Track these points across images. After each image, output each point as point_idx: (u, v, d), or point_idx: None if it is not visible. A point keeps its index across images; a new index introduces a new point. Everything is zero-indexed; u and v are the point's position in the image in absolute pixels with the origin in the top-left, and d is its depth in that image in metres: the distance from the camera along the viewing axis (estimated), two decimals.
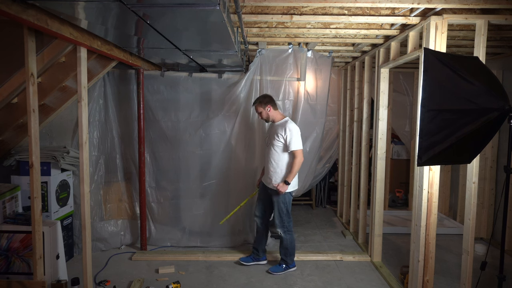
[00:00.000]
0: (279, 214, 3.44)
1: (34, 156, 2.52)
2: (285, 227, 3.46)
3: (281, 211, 3.43)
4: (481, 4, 2.49)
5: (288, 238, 3.49)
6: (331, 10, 2.84)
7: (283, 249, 3.53)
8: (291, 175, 3.29)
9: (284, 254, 3.54)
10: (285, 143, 3.31)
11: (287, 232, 3.48)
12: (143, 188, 4.04)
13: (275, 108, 3.47)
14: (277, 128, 3.37)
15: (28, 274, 3.02)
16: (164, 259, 3.79)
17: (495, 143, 4.37)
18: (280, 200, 3.41)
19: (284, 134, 3.29)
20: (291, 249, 3.53)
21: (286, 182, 3.30)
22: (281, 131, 3.32)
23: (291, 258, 3.56)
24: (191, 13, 2.00)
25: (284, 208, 3.43)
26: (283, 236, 3.49)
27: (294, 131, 3.30)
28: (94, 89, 3.91)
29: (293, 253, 3.56)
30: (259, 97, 3.50)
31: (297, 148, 3.29)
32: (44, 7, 2.02)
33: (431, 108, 2.04)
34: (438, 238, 2.96)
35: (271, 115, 3.44)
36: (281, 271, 3.51)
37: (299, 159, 3.29)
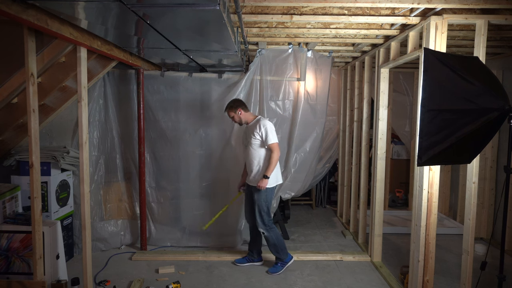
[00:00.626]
0: (260, 212, 3.45)
1: (34, 156, 2.52)
2: (266, 225, 3.48)
3: (261, 209, 3.44)
4: (481, 4, 2.49)
5: (272, 235, 3.50)
6: (331, 10, 2.84)
7: (273, 247, 3.54)
8: (269, 169, 3.34)
9: (276, 251, 3.54)
10: (261, 139, 3.38)
11: (269, 230, 3.49)
12: (143, 188, 4.04)
13: (246, 110, 3.52)
14: (252, 128, 3.44)
15: (28, 274, 3.02)
16: (164, 259, 3.79)
17: (495, 143, 4.37)
18: (261, 198, 3.42)
19: (259, 131, 3.36)
20: (280, 244, 3.53)
21: (265, 176, 3.34)
22: (256, 129, 3.38)
23: (285, 252, 3.56)
24: (191, 13, 2.00)
25: (264, 206, 3.44)
26: (267, 235, 3.50)
27: (268, 126, 3.38)
28: (94, 89, 3.91)
29: (283, 247, 3.56)
30: (229, 103, 3.53)
31: (273, 142, 3.36)
32: (44, 7, 2.02)
33: (431, 108, 2.04)
34: (438, 238, 2.96)
35: (243, 118, 3.50)
36: (280, 270, 3.51)
37: (276, 152, 3.36)
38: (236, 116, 3.49)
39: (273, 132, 3.40)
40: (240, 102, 3.53)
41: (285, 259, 3.55)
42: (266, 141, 3.36)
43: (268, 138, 3.35)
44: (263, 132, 3.36)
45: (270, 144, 3.35)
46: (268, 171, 3.35)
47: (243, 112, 3.48)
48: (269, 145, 3.36)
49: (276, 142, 3.38)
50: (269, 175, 3.35)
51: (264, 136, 3.36)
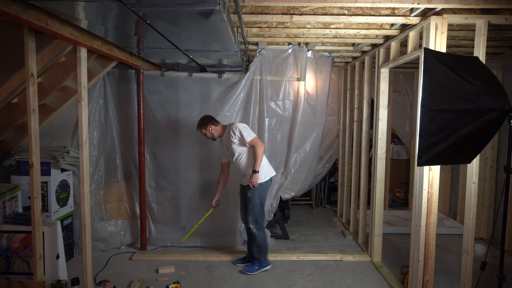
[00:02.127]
0: (252, 209, 3.46)
1: (34, 156, 2.52)
2: (258, 223, 3.47)
3: (254, 205, 3.44)
4: (481, 4, 2.49)
5: (261, 235, 3.50)
6: (331, 10, 2.84)
7: (256, 247, 3.53)
8: (256, 164, 3.35)
9: (258, 252, 3.53)
10: (240, 142, 3.40)
11: (259, 229, 3.49)
12: (143, 188, 4.04)
13: (216, 124, 3.53)
14: (228, 136, 3.45)
15: (28, 274, 3.02)
16: (164, 259, 3.79)
17: (495, 143, 4.37)
18: (255, 195, 3.43)
19: (235, 135, 3.39)
20: (264, 247, 3.53)
21: (254, 171, 3.35)
22: (231, 136, 3.41)
23: (264, 256, 3.56)
24: (191, 13, 2.00)
25: (258, 203, 3.45)
26: (255, 233, 3.49)
27: (241, 127, 3.40)
28: (94, 89, 3.91)
29: (266, 251, 3.56)
30: (199, 121, 3.53)
31: (251, 138, 3.37)
32: (44, 7, 2.02)
33: (431, 108, 2.04)
34: (438, 238, 2.96)
35: (215, 133, 3.52)
36: (256, 271, 3.50)
37: (259, 146, 3.36)
38: (208, 132, 3.50)
39: (246, 129, 3.42)
40: (209, 118, 3.53)
41: (263, 263, 3.55)
42: (244, 140, 3.36)
43: (245, 136, 3.35)
44: (238, 134, 3.37)
45: (249, 141, 3.36)
46: (256, 166, 3.35)
47: (213, 127, 3.49)
48: (249, 142, 3.36)
49: (254, 137, 3.39)
50: (258, 169, 3.36)
51: (240, 137, 3.37)
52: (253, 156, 3.41)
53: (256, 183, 3.37)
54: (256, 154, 3.35)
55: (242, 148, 3.44)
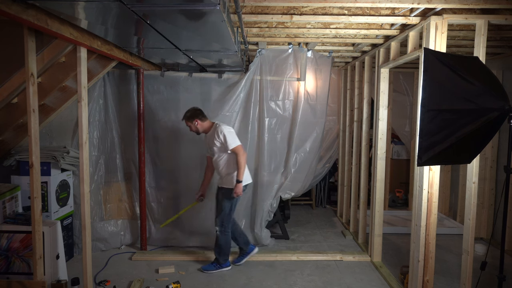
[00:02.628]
0: (221, 213, 3.46)
1: (34, 156, 2.52)
2: (224, 226, 3.49)
3: (224, 209, 3.45)
4: (481, 4, 2.49)
5: (224, 238, 3.51)
6: (331, 10, 2.84)
7: (217, 248, 3.55)
8: (240, 173, 3.35)
9: (218, 252, 3.55)
10: (222, 145, 3.38)
11: (223, 232, 3.50)
12: (143, 188, 4.04)
13: (204, 120, 3.48)
14: (212, 136, 3.44)
15: (28, 274, 3.02)
16: (164, 259, 3.79)
17: (495, 143, 4.37)
18: (228, 200, 3.44)
19: (219, 138, 3.37)
20: (225, 249, 3.55)
21: (238, 181, 3.35)
22: (215, 137, 3.39)
23: (224, 258, 3.57)
24: (191, 13, 2.00)
25: (228, 208, 3.46)
26: (219, 235, 3.51)
27: (226, 131, 3.37)
28: (94, 89, 3.91)
29: (226, 253, 3.57)
30: (186, 112, 3.49)
31: (235, 145, 3.35)
32: (44, 7, 2.02)
33: (431, 108, 2.04)
34: (438, 238, 2.96)
35: (200, 128, 3.48)
36: (213, 270, 3.53)
37: (241, 154, 3.35)
38: (193, 126, 3.47)
39: (232, 135, 3.39)
40: (196, 112, 3.47)
41: (222, 264, 3.56)
42: (227, 146, 3.34)
43: (228, 143, 3.34)
44: (222, 138, 3.35)
45: (232, 148, 3.34)
46: (239, 175, 3.35)
47: (200, 122, 3.45)
48: (232, 149, 3.35)
49: (238, 145, 3.38)
50: (241, 179, 3.36)
51: (224, 142, 3.35)
52: (234, 161, 3.40)
53: (240, 193, 3.37)
54: (239, 162, 3.34)
55: (222, 151, 3.42)
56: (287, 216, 4.84)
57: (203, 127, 3.49)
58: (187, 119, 3.47)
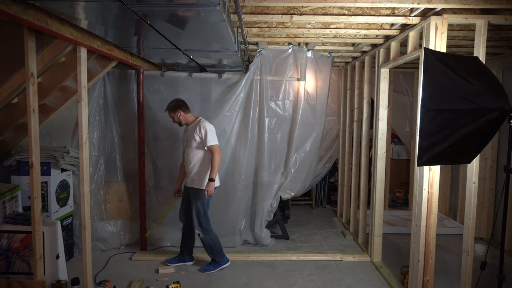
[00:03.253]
0: (197, 215, 3.42)
1: (34, 156, 2.52)
2: (203, 227, 3.44)
3: (198, 211, 3.41)
4: (481, 4, 2.49)
5: (209, 237, 3.47)
6: (331, 10, 2.84)
7: (209, 249, 3.51)
8: (213, 172, 3.31)
9: (211, 252, 3.52)
10: (201, 140, 3.35)
11: (205, 232, 3.46)
12: (143, 188, 4.04)
13: (187, 112, 3.48)
14: (192, 129, 3.42)
15: (28, 274, 3.02)
16: (164, 259, 3.78)
17: (495, 143, 4.37)
18: (200, 201, 3.39)
19: (199, 132, 3.35)
20: (216, 246, 3.51)
21: (211, 179, 3.31)
22: (196, 131, 3.36)
23: (220, 255, 3.53)
24: (191, 13, 2.00)
25: (201, 209, 3.41)
26: (203, 237, 3.46)
27: (208, 128, 3.35)
28: (94, 89, 3.91)
29: (219, 249, 3.53)
30: (169, 103, 3.48)
31: (213, 144, 3.34)
32: (44, 7, 2.02)
33: (431, 108, 2.04)
34: (438, 238, 2.96)
35: (183, 120, 3.47)
36: (213, 270, 3.51)
37: (217, 154, 3.34)
38: (176, 117, 3.45)
39: (213, 133, 3.37)
40: (180, 103, 3.46)
41: (220, 262, 3.53)
42: (205, 142, 3.32)
43: (208, 139, 3.32)
44: (202, 133, 3.33)
45: (210, 145, 3.32)
46: (212, 174, 3.31)
47: (182, 114, 3.44)
48: (209, 147, 3.33)
49: (216, 144, 3.36)
50: (214, 177, 3.32)
51: (204, 137, 3.33)
52: (207, 160, 3.38)
53: (212, 192, 3.31)
54: (214, 161, 3.31)
55: (197, 147, 3.39)
56: (287, 216, 4.84)
57: (186, 119, 3.47)
58: (170, 109, 3.47)
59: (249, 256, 3.86)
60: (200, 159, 3.41)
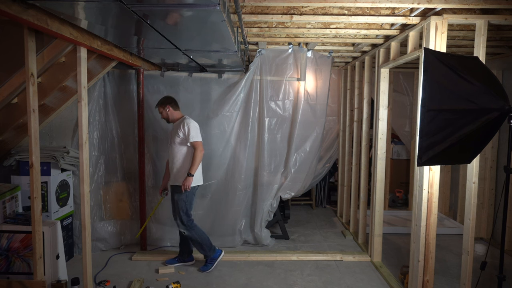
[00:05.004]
0: (178, 213, 3.42)
1: (34, 156, 2.52)
2: (186, 224, 3.44)
3: (181, 209, 3.41)
4: (481, 4, 2.49)
5: (194, 233, 3.47)
6: (331, 10, 2.84)
7: (197, 245, 3.51)
8: (193, 167, 3.33)
9: (201, 248, 3.51)
10: (184, 137, 3.38)
11: (190, 229, 3.46)
12: (143, 188, 4.04)
13: (175, 109, 3.53)
14: (177, 126, 3.46)
15: (28, 274, 3.02)
16: (164, 259, 3.78)
17: (495, 143, 4.37)
18: (181, 198, 3.39)
19: (183, 128, 3.38)
20: (204, 240, 3.51)
21: (189, 174, 3.31)
22: (180, 127, 3.40)
23: (211, 249, 3.54)
24: (191, 13, 2.00)
25: (184, 207, 3.41)
26: (188, 234, 3.47)
27: (192, 125, 3.40)
28: (94, 89, 3.91)
29: (208, 243, 3.53)
30: (161, 99, 3.55)
31: (196, 140, 3.37)
32: (44, 7, 2.02)
33: (431, 108, 2.04)
34: (438, 238, 2.96)
35: (170, 115, 3.51)
36: (211, 267, 3.51)
37: (199, 150, 3.36)
38: (164, 112, 3.51)
39: (196, 130, 3.41)
40: (171, 99, 3.53)
41: (212, 256, 3.53)
42: (188, 138, 3.35)
43: (191, 135, 3.35)
44: (186, 129, 3.36)
45: (193, 141, 3.35)
46: (191, 169, 3.32)
47: (171, 110, 3.49)
48: (192, 143, 3.36)
49: (199, 141, 3.38)
50: (193, 173, 3.32)
51: (187, 133, 3.35)
52: (189, 156, 3.40)
53: (189, 186, 3.31)
54: (195, 157, 3.33)
55: (181, 143, 3.40)
56: (287, 216, 4.83)
57: (173, 115, 3.52)
58: (160, 104, 3.53)
59: (249, 256, 3.86)
60: (183, 156, 3.43)
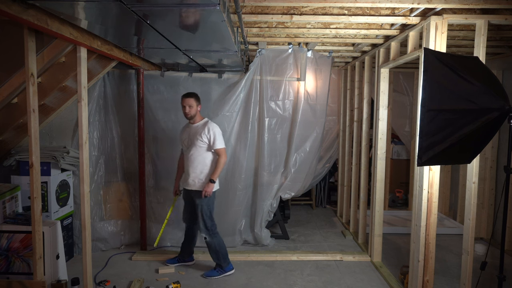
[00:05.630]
0: (202, 218, 3.35)
1: (34, 156, 2.52)
2: (210, 230, 3.37)
3: (204, 214, 3.34)
4: (481, 4, 2.49)
5: (215, 241, 3.40)
6: (331, 10, 2.84)
7: (214, 253, 3.44)
8: (215, 173, 3.28)
9: (217, 258, 3.44)
10: (208, 143, 3.30)
11: (212, 236, 3.39)
12: (143, 188, 4.04)
13: (199, 108, 3.43)
14: (198, 129, 3.34)
15: (28, 274, 3.01)
16: (164, 259, 3.78)
17: (495, 143, 4.37)
18: (204, 203, 3.33)
19: (208, 134, 3.29)
20: (222, 251, 3.44)
21: (212, 180, 3.27)
22: (204, 131, 3.29)
23: (226, 261, 3.45)
24: (191, 13, 2.00)
25: (207, 211, 3.35)
26: (209, 240, 3.40)
27: (217, 130, 3.32)
28: (94, 89, 3.91)
29: (225, 255, 3.46)
30: (191, 92, 3.40)
31: (220, 147, 3.31)
32: (44, 7, 2.02)
33: (431, 108, 2.04)
34: (438, 238, 2.96)
35: (194, 113, 3.36)
36: (216, 276, 3.42)
37: (223, 157, 3.31)
38: (194, 108, 3.33)
39: (221, 136, 3.35)
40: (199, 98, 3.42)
41: (225, 268, 3.45)
42: (213, 145, 3.28)
43: (216, 143, 3.29)
44: (211, 135, 3.28)
45: (217, 148, 3.29)
46: (214, 175, 3.28)
47: (198, 110, 3.39)
48: (216, 150, 3.30)
49: (223, 147, 3.34)
50: (215, 179, 3.29)
51: (212, 140, 3.28)
52: (210, 162, 3.33)
53: (210, 193, 3.27)
54: (219, 163, 3.29)
55: (205, 149, 3.32)
56: (287, 216, 4.84)
57: (197, 115, 3.40)
58: (195, 96, 3.35)
59: (249, 256, 3.86)
60: (204, 161, 3.34)
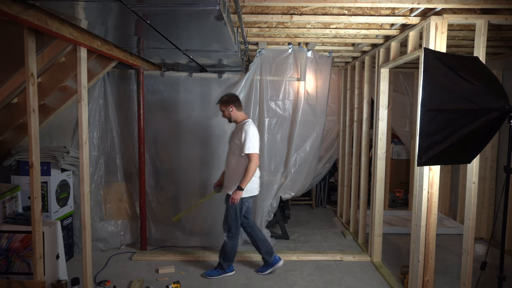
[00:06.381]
0: (227, 219, 3.34)
1: (34, 156, 2.52)
2: (231, 232, 3.35)
3: (229, 216, 3.31)
4: (481, 4, 2.49)
5: (230, 244, 3.39)
6: (331, 10, 2.84)
7: (223, 253, 3.43)
8: (244, 181, 3.13)
9: (223, 258, 3.43)
10: (240, 145, 3.19)
11: (231, 238, 3.37)
12: (143, 188, 4.04)
13: (239, 109, 3.33)
14: (237, 130, 3.30)
15: (28, 274, 3.01)
16: (164, 259, 3.79)
17: (495, 143, 4.37)
18: (231, 208, 3.28)
19: (241, 135, 3.19)
20: (231, 255, 3.43)
21: (239, 187, 3.15)
22: (239, 133, 3.23)
23: (228, 264, 3.45)
24: (191, 13, 2.00)
25: (233, 214, 3.29)
26: (226, 241, 3.38)
27: (250, 133, 3.17)
28: (94, 89, 3.91)
29: (231, 259, 3.46)
30: (224, 95, 3.36)
31: (251, 152, 3.14)
32: (44, 7, 2.02)
33: (431, 108, 2.04)
34: (438, 238, 2.96)
35: (233, 116, 3.31)
36: (216, 276, 3.41)
37: (254, 163, 3.14)
38: (226, 111, 3.30)
39: (254, 140, 3.18)
40: (234, 98, 3.33)
41: (226, 268, 3.45)
42: (243, 148, 3.14)
43: (246, 146, 3.13)
44: (243, 137, 3.15)
45: (247, 153, 3.15)
46: (242, 182, 3.14)
47: (234, 110, 3.29)
48: (247, 154, 3.16)
49: (255, 153, 3.16)
50: (244, 187, 3.15)
51: (243, 142, 3.15)
52: (241, 168, 3.20)
53: (237, 200, 3.17)
54: (248, 169, 3.12)
55: (238, 151, 3.24)
56: (287, 216, 4.84)
57: (236, 116, 3.31)
58: (222, 102, 3.30)
59: (249, 256, 3.86)
60: (236, 164, 3.26)
